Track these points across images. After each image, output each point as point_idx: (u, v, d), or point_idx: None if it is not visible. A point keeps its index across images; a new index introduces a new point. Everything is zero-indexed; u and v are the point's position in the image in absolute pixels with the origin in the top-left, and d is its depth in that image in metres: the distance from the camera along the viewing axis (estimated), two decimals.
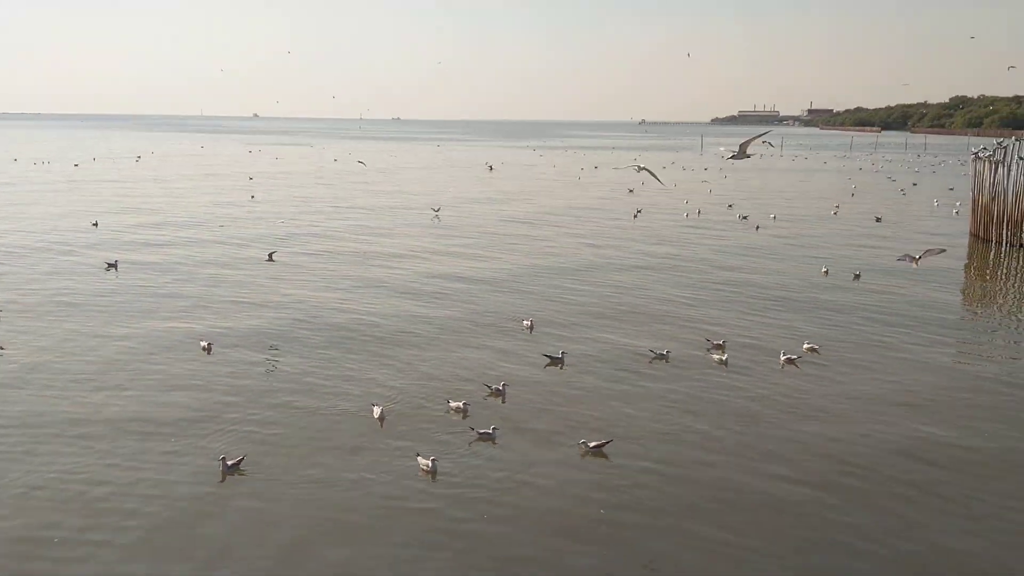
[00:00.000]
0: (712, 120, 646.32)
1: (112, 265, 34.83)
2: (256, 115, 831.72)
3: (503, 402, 19.41)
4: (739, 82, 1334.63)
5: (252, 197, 63.80)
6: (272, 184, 76.80)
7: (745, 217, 54.45)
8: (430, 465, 15.64)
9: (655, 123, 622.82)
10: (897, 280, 34.48)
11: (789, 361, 22.35)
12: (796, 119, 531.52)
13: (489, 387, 19.98)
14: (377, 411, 18.13)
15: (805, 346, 23.71)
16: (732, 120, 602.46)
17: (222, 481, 15.30)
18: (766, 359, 22.92)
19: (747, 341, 24.80)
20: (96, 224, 46.55)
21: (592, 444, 16.55)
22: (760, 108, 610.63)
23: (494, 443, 17.07)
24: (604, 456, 16.45)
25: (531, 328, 25.64)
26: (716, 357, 22.38)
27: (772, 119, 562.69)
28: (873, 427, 18.18)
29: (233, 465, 15.53)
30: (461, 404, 18.63)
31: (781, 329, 26.31)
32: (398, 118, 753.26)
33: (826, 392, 20.49)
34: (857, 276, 35.05)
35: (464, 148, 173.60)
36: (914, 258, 26.24)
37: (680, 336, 25.24)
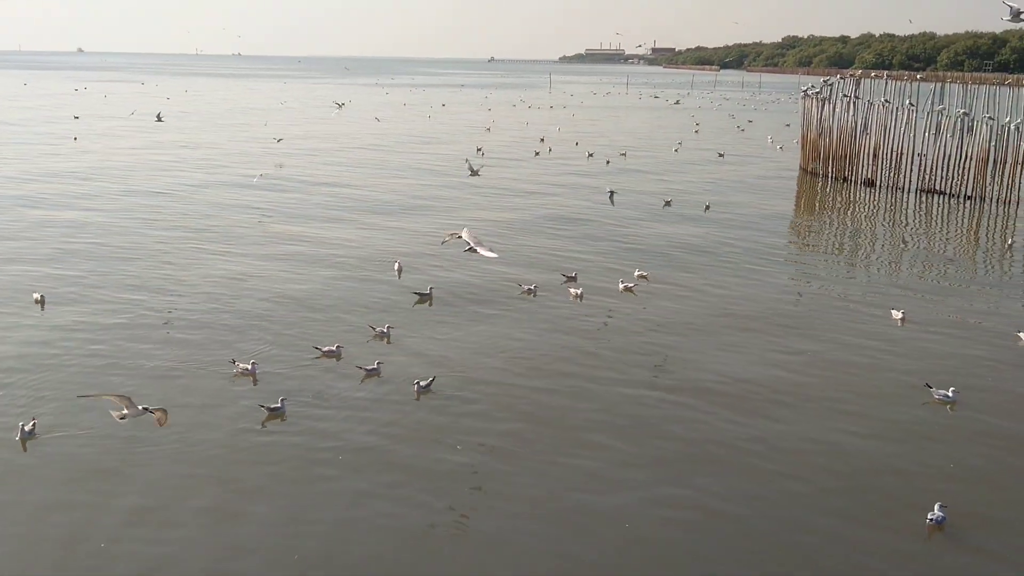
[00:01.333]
0: (560, 58, 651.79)
1: None
2: (81, 49, 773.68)
3: (388, 343, 19.42)
4: (586, 20, 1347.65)
5: (75, 139, 59.66)
6: (103, 125, 72.09)
7: (591, 155, 55.73)
8: (279, 406, 15.50)
9: (504, 61, 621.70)
10: (738, 210, 36.91)
11: (627, 288, 23.85)
12: (640, 58, 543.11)
13: (373, 329, 19.93)
14: (244, 366, 17.32)
15: (637, 273, 25.28)
16: (580, 58, 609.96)
17: (24, 450, 14.25)
18: (611, 287, 24.23)
19: (597, 270, 26.09)
20: None
21: (423, 383, 16.50)
22: (606, 47, 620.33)
23: (379, 376, 17.27)
24: (453, 390, 16.78)
25: (399, 271, 25.52)
26: (573, 292, 23.23)
27: (618, 57, 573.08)
28: (696, 337, 19.51)
29: (29, 431, 14.47)
30: (334, 347, 18.46)
31: (625, 257, 27.64)
32: (239, 54, 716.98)
33: (659, 310, 22.16)
34: (707, 208, 37.21)
35: (311, 85, 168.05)
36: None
37: (540, 268, 26.22)
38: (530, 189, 42.01)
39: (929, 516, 12.39)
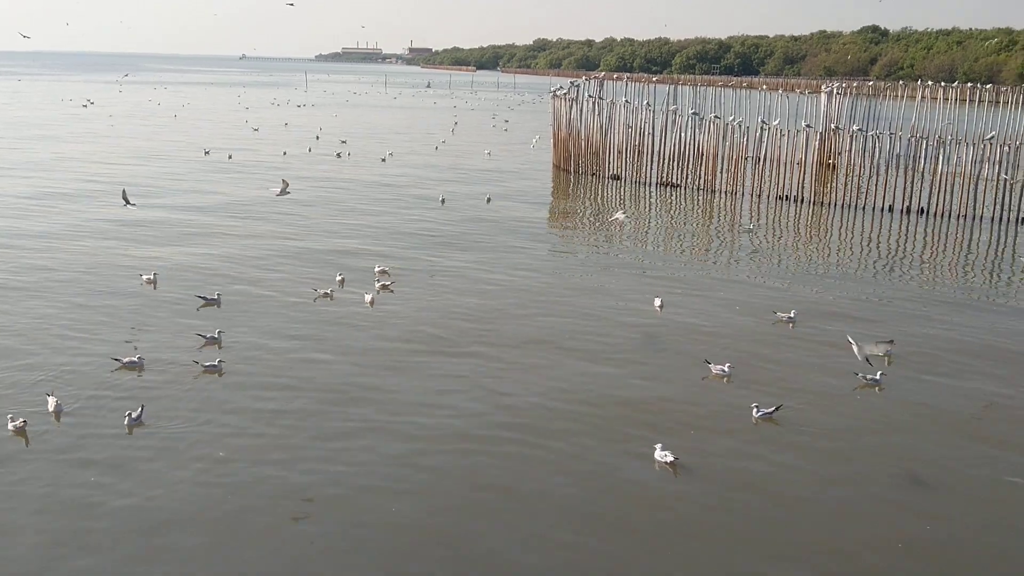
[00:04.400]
0: (316, 56, 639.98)
1: None
2: None
3: (219, 348, 19.06)
4: (342, 18, 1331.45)
5: None
6: None
7: (339, 155, 55.47)
8: (20, 425, 14.71)
9: (257, 58, 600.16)
10: (500, 204, 38.53)
11: (384, 287, 24.23)
12: (398, 57, 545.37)
13: (203, 336, 19.45)
14: (52, 403, 15.53)
15: (377, 269, 25.54)
16: (336, 57, 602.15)
17: None
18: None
19: (362, 269, 26.09)
20: None
21: (134, 415, 15.16)
22: (364, 46, 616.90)
23: (220, 374, 17.33)
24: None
25: (154, 283, 24.07)
26: (368, 298, 23.06)
27: (375, 57, 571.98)
28: (465, 320, 20.33)
29: None
30: (135, 358, 17.85)
31: (399, 252, 27.80)
32: None
33: (398, 303, 23.05)
34: (489, 200, 39.52)
35: (47, 82, 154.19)
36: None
37: (329, 267, 26.16)
38: (301, 188, 41.21)
39: (658, 456, 14.42)
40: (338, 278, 24.86)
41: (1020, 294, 26.85)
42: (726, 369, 18.41)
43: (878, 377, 18.15)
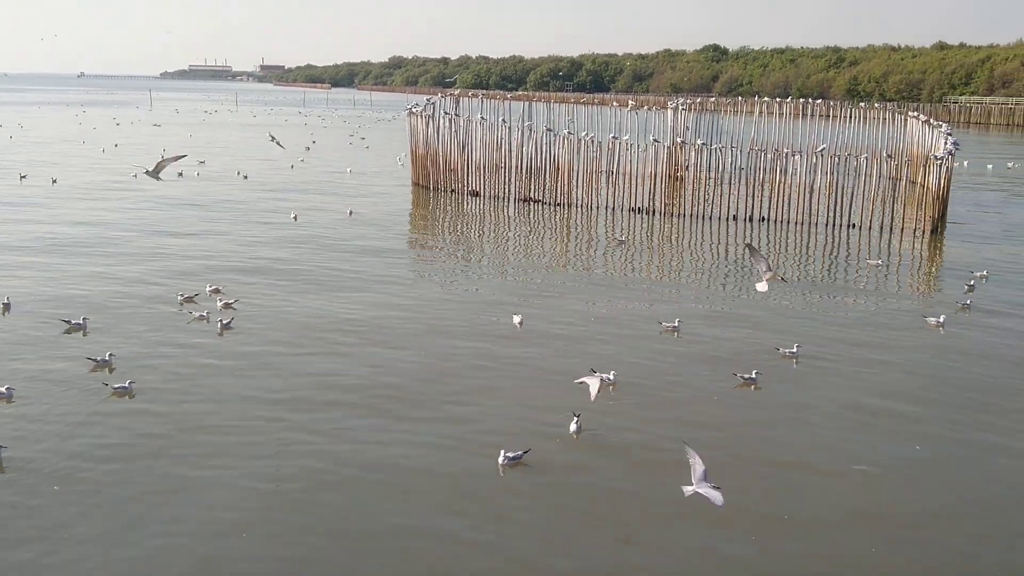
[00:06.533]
0: (162, 74, 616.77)
1: None
2: None
3: (110, 372, 18.52)
4: (189, 35, 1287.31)
5: None
6: None
7: (181, 173, 53.67)
8: None
9: (97, 76, 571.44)
10: (370, 222, 38.48)
11: (227, 306, 23.68)
12: (250, 75, 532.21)
13: (94, 360, 18.89)
14: None
15: (208, 289, 25.11)
16: (183, 74, 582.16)
17: None
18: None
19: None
20: None
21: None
22: (212, 63, 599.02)
23: (132, 396, 17.02)
24: None
25: (7, 308, 22.96)
26: (220, 324, 22.19)
27: (225, 74, 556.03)
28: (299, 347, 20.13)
29: None
30: (3, 389, 16.94)
31: (240, 275, 27.19)
32: None
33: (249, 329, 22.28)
34: (351, 212, 40.30)
35: None
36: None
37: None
38: (148, 208, 39.63)
39: (505, 456, 14.88)
40: (179, 298, 24.18)
41: (858, 285, 29.48)
42: (611, 377, 18.48)
43: (754, 376, 19.09)
